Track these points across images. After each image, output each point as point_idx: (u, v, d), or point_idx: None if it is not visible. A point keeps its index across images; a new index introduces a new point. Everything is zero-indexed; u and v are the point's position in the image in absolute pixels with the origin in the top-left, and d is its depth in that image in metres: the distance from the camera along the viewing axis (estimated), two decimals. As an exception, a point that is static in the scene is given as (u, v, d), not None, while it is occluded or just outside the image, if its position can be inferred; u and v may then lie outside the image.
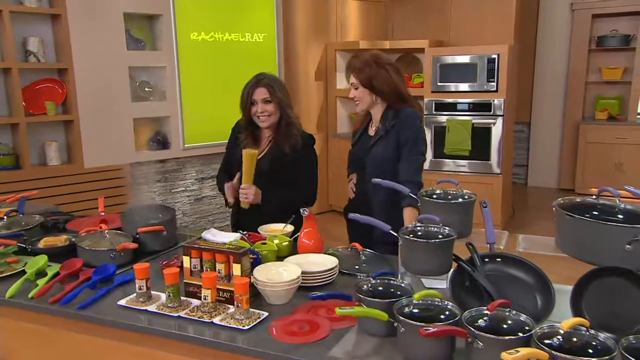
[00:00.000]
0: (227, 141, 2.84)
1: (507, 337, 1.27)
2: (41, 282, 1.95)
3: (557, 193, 7.17)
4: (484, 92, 5.36)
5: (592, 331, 1.25)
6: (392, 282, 1.59)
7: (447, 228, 1.66)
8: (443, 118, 5.62)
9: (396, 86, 2.44)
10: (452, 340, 1.37)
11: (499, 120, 5.34)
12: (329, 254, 2.13)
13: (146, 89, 4.86)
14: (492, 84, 5.29)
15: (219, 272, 1.80)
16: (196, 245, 1.84)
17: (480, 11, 6.02)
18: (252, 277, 1.80)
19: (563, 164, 7.27)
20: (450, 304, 1.42)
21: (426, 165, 3.01)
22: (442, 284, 1.76)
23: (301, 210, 2.12)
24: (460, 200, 1.85)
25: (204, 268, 1.83)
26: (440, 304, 1.43)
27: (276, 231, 2.40)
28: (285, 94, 2.61)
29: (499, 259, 1.70)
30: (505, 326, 1.32)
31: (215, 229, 2.57)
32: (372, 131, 2.53)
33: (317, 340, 1.53)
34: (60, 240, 2.33)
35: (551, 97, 7.23)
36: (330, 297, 1.56)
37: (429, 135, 5.61)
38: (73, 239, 2.34)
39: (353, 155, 2.62)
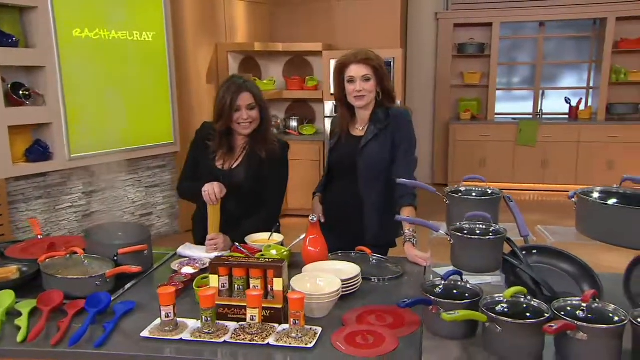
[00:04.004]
0: (143, 146, 2.53)
1: (606, 326, 1.30)
2: (21, 322, 1.60)
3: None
4: (381, 95, 5.53)
5: None
6: (458, 283, 1.56)
7: (497, 225, 1.68)
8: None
9: (392, 84, 2.40)
10: (544, 336, 1.37)
11: (395, 121, 5.56)
12: (333, 260, 2.05)
13: (21, 92, 4.24)
14: (388, 86, 5.49)
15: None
16: (226, 262, 1.64)
17: (366, 17, 6.21)
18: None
19: (436, 160, 7.81)
20: (535, 300, 1.43)
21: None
22: (478, 279, 1.77)
23: (310, 217, 2.00)
24: (486, 196, 1.88)
25: (236, 286, 1.64)
26: (524, 300, 1.43)
27: (264, 241, 2.24)
28: (264, 97, 2.43)
29: (535, 251, 1.75)
30: (599, 316, 1.35)
31: (190, 243, 2.34)
32: (357, 131, 2.41)
33: (393, 350, 1.46)
34: (11, 271, 1.92)
35: (422, 99, 7.71)
36: (416, 303, 1.49)
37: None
38: (25, 269, 1.97)
39: (337, 158, 2.47)
